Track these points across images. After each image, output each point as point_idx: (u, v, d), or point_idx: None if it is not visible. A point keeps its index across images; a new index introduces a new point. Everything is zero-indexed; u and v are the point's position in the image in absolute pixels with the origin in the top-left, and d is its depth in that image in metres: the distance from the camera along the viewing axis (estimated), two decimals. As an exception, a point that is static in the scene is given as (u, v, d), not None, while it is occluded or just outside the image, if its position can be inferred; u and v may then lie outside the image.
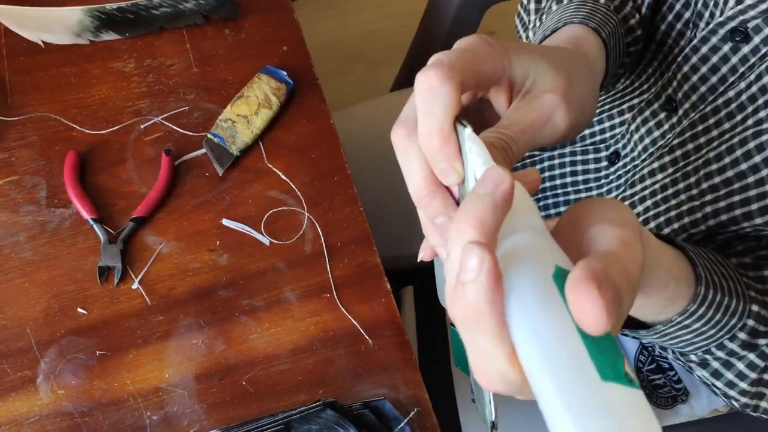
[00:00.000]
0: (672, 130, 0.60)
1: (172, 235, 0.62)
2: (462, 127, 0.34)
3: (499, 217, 0.29)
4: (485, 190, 0.29)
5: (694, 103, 0.57)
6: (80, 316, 0.59)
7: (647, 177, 0.60)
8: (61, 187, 0.62)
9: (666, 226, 0.58)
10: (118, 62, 0.69)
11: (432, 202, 0.36)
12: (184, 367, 0.58)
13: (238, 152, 0.65)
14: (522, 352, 0.29)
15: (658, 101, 0.61)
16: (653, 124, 0.62)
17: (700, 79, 0.55)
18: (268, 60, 0.70)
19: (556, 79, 0.40)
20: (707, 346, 0.51)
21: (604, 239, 0.32)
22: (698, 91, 0.56)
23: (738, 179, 0.52)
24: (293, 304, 0.61)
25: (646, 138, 0.62)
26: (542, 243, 0.32)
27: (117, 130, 0.66)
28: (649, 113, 0.62)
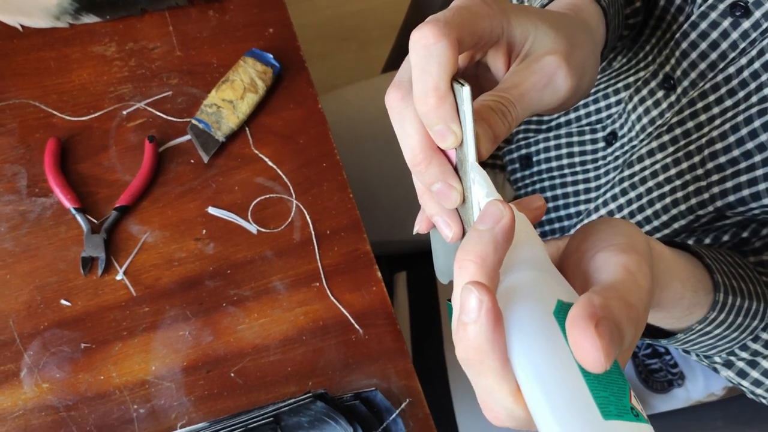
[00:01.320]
0: (671, 109, 0.58)
1: (157, 224, 0.61)
2: (459, 86, 0.32)
3: (500, 253, 0.29)
4: (485, 227, 0.30)
5: (693, 81, 0.55)
6: (64, 308, 0.57)
7: (646, 157, 0.59)
8: (42, 176, 0.61)
9: (673, 207, 0.57)
10: (99, 46, 0.67)
11: (428, 168, 0.35)
12: (170, 359, 0.57)
13: (223, 138, 0.64)
14: (525, 390, 0.29)
15: (656, 79, 0.59)
16: (651, 103, 0.60)
17: (700, 56, 0.54)
18: (254, 42, 0.68)
19: (556, 41, 0.39)
20: (730, 348, 0.50)
21: (609, 268, 0.32)
22: (697, 68, 0.55)
23: (744, 158, 0.50)
24: (282, 294, 0.60)
25: (644, 117, 0.61)
26: (543, 278, 0.31)
27: (99, 116, 0.64)
28: (646, 92, 0.61)
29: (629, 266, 0.32)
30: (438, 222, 0.37)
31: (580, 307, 0.27)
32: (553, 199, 0.72)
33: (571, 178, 0.70)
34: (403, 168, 0.91)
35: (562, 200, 0.71)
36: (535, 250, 0.33)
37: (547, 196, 0.72)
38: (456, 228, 0.36)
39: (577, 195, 0.70)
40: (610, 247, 0.33)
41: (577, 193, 0.70)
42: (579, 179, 0.69)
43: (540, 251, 0.33)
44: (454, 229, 0.36)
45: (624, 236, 0.34)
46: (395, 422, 0.55)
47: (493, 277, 0.29)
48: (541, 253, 0.33)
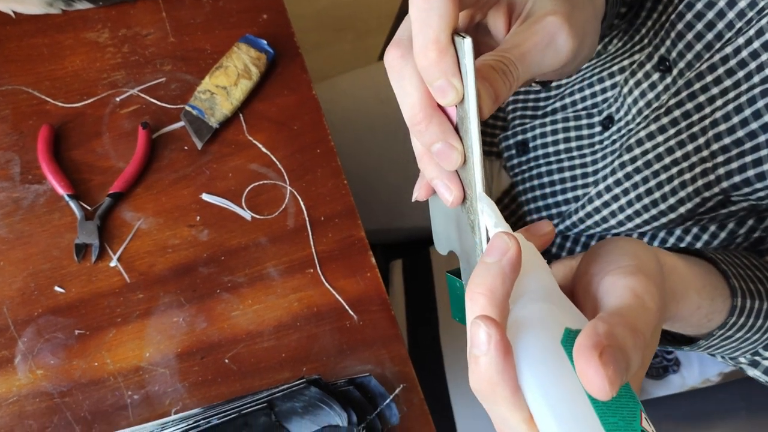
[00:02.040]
0: (667, 91, 0.58)
1: (151, 210, 0.61)
2: (461, 39, 0.32)
3: (507, 284, 0.31)
4: (493, 259, 0.31)
5: (689, 62, 0.55)
6: (58, 294, 0.57)
7: (645, 140, 0.59)
8: (35, 163, 0.61)
9: (681, 189, 0.57)
10: (92, 32, 0.67)
11: (428, 127, 0.34)
12: (165, 345, 0.57)
13: (217, 125, 0.63)
14: (537, 418, 0.30)
15: (651, 62, 0.59)
16: (647, 86, 0.60)
17: (696, 36, 0.54)
18: (248, 29, 0.68)
19: (557, 2, 0.39)
20: (754, 349, 0.50)
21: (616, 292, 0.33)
22: (693, 49, 0.54)
23: (749, 139, 0.50)
24: (276, 280, 0.59)
25: (640, 100, 0.61)
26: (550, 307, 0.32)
27: (92, 102, 0.64)
28: (642, 74, 0.60)
29: (636, 289, 0.33)
30: (438, 186, 0.36)
31: (584, 336, 0.28)
32: (550, 185, 0.72)
33: (568, 163, 0.70)
34: (399, 157, 0.91)
35: (559, 185, 0.71)
36: (542, 279, 0.33)
37: (543, 182, 0.72)
38: (457, 191, 0.36)
39: (575, 180, 0.70)
40: (617, 270, 0.34)
41: (574, 177, 0.70)
42: (576, 164, 0.69)
43: (547, 279, 0.34)
44: (454, 192, 0.36)
45: (631, 257, 0.35)
46: (389, 407, 0.55)
47: (503, 309, 0.31)
48: (549, 281, 0.34)
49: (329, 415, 0.53)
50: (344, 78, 0.92)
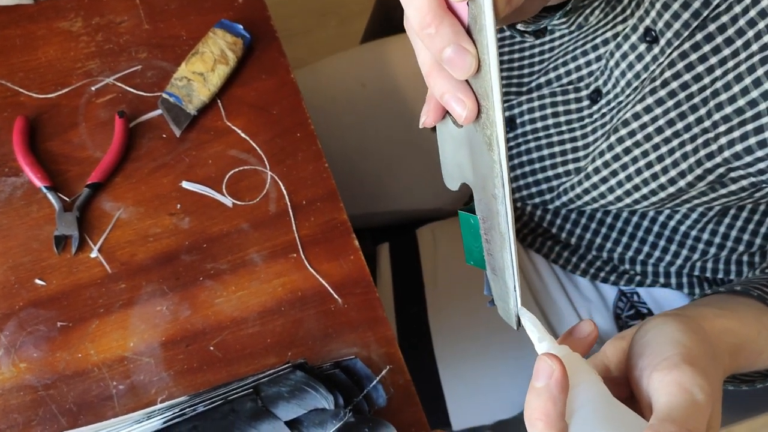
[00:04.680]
0: (655, 61, 0.58)
1: (131, 200, 0.60)
2: None
3: (559, 405, 0.33)
4: (541, 384, 0.33)
5: (677, 31, 0.55)
6: (38, 287, 0.57)
7: (643, 113, 0.58)
8: (11, 155, 0.60)
9: (683, 161, 0.57)
10: (65, 22, 0.66)
11: (439, 29, 0.31)
12: (149, 334, 0.56)
13: (195, 111, 0.63)
14: None
15: (636, 33, 0.59)
16: (634, 58, 0.60)
17: (682, 5, 0.54)
18: (223, 13, 0.67)
19: None
20: None
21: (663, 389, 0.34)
22: (681, 18, 0.54)
23: (750, 107, 0.51)
24: (259, 266, 0.59)
25: (628, 72, 0.61)
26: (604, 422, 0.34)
27: (67, 93, 0.63)
28: (627, 46, 0.60)
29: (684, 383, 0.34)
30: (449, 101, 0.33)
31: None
32: (540, 160, 0.71)
33: (557, 138, 0.69)
34: (382, 140, 0.90)
35: (548, 160, 0.71)
36: (592, 389, 0.35)
37: (533, 157, 0.72)
38: (471, 103, 0.32)
39: (565, 155, 0.69)
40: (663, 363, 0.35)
41: (564, 152, 0.69)
42: (565, 138, 0.69)
43: (597, 388, 0.35)
44: (468, 104, 0.32)
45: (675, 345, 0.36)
46: (376, 389, 0.55)
47: (561, 427, 0.33)
48: (599, 389, 0.35)
49: (316, 399, 0.53)
50: (326, 62, 0.91)
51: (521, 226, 0.82)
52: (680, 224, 0.67)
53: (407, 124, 0.87)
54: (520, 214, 0.82)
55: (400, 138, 0.88)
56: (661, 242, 0.70)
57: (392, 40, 0.92)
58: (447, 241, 0.87)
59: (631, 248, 0.72)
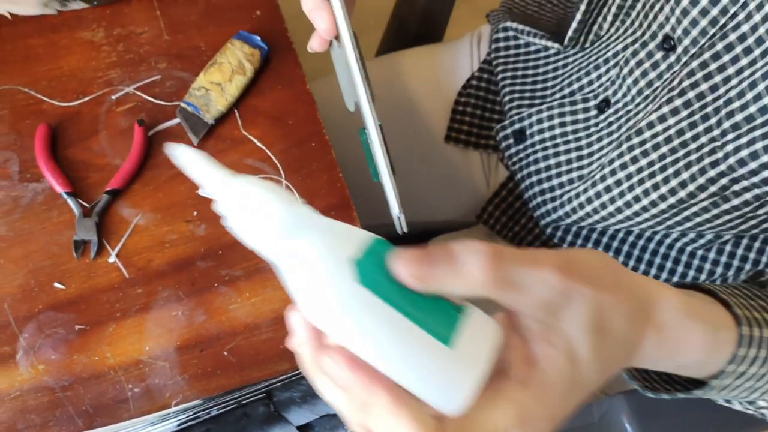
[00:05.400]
0: (670, 69, 0.58)
1: (148, 206, 0.62)
2: None
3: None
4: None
5: (694, 39, 0.55)
6: (58, 291, 0.58)
7: (657, 123, 0.59)
8: (33, 162, 0.61)
9: (685, 170, 0.57)
10: (87, 32, 0.67)
11: None
12: (164, 339, 0.57)
13: (212, 121, 0.64)
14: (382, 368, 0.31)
15: (654, 41, 0.59)
16: (649, 65, 0.60)
17: (701, 12, 0.54)
18: (241, 25, 0.69)
19: None
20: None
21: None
22: (699, 25, 0.54)
23: (761, 114, 0.51)
24: (273, 273, 0.60)
25: (641, 80, 0.61)
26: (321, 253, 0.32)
27: (88, 101, 0.65)
28: (644, 54, 0.60)
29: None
30: (315, 17, 0.43)
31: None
32: (546, 170, 0.72)
33: (564, 147, 0.70)
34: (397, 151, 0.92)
35: (554, 170, 0.71)
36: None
37: (540, 167, 0.72)
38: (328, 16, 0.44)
39: (570, 163, 0.70)
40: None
41: (569, 161, 0.70)
42: (571, 147, 0.69)
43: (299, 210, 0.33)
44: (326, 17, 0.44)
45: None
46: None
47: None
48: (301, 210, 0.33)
49: (327, 405, 0.54)
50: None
51: (532, 239, 0.82)
52: (687, 245, 0.67)
53: (421, 136, 0.88)
54: (532, 226, 0.82)
55: (414, 150, 0.88)
56: (668, 264, 0.70)
57: (407, 53, 0.94)
58: (459, 253, 0.87)
59: (638, 270, 0.72)
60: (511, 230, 0.85)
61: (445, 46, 0.94)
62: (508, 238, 0.85)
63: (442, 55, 0.92)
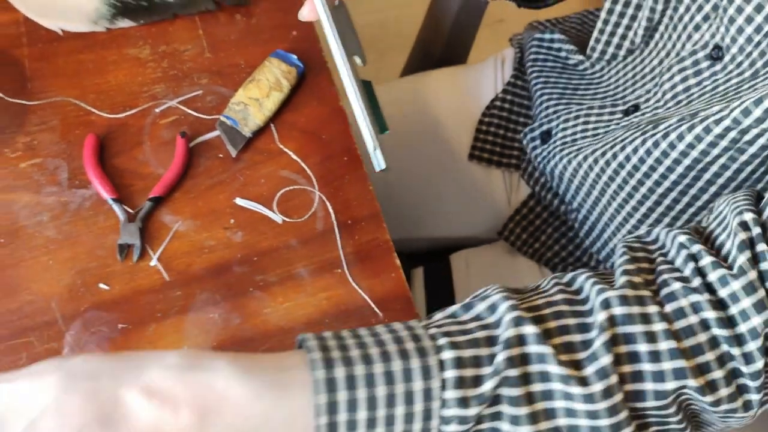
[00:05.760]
0: (712, 77, 0.60)
1: (188, 213, 0.65)
2: None
3: None
4: None
5: (741, 46, 0.57)
6: (102, 291, 0.61)
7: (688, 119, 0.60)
8: (82, 169, 0.65)
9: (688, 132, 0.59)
10: (134, 49, 0.71)
11: None
12: (201, 339, 0.60)
13: (250, 134, 0.67)
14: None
15: (705, 50, 0.61)
16: (691, 73, 0.62)
17: (746, 19, 0.55)
18: (279, 44, 0.72)
19: None
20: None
21: None
22: (744, 33, 0.56)
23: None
24: (305, 280, 0.63)
25: (679, 86, 0.63)
26: None
27: (134, 114, 0.68)
28: (690, 62, 0.62)
29: None
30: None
31: None
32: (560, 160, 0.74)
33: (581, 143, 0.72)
34: (421, 169, 0.94)
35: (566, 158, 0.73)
36: None
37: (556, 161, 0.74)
38: None
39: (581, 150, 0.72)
40: None
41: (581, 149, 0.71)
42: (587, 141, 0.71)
43: None
44: None
45: None
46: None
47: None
48: None
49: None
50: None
51: (552, 256, 0.85)
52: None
53: (444, 155, 0.91)
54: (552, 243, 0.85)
55: (438, 168, 0.91)
56: None
57: (432, 74, 0.97)
58: (480, 268, 0.89)
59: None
60: (531, 246, 0.87)
61: (470, 69, 0.97)
62: (529, 254, 0.87)
63: (467, 77, 0.95)
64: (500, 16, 1.62)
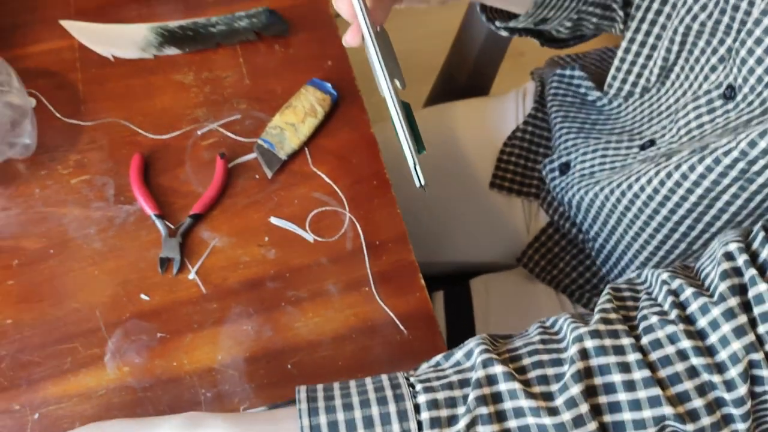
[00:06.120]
0: (725, 115, 0.63)
1: (226, 230, 0.68)
2: None
3: None
4: None
5: (752, 86, 0.59)
6: (143, 301, 0.65)
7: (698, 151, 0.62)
8: (127, 186, 0.69)
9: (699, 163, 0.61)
10: (179, 74, 0.76)
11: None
12: (235, 350, 0.63)
13: (285, 157, 0.71)
14: None
15: (719, 89, 0.63)
16: (705, 111, 0.64)
17: (757, 61, 0.58)
18: (315, 73, 0.76)
19: None
20: None
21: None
22: (755, 73, 0.59)
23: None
24: (334, 296, 0.66)
25: (693, 122, 0.65)
26: None
27: (177, 135, 0.73)
28: (704, 100, 0.65)
29: None
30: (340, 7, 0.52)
31: None
32: (577, 191, 0.77)
33: (599, 176, 0.75)
34: (444, 195, 0.97)
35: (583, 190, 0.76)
36: None
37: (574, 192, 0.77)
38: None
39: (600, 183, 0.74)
40: None
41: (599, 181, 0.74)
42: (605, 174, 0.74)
43: None
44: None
45: None
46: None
47: None
48: None
49: (382, 416, 0.59)
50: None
51: (569, 283, 0.87)
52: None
53: (467, 182, 0.94)
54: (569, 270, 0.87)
55: (460, 195, 0.94)
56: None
57: (456, 104, 1.01)
58: (499, 293, 0.92)
59: None
60: (549, 273, 0.89)
61: (493, 100, 1.01)
62: (547, 281, 0.90)
63: (490, 108, 0.99)
64: (521, 49, 1.66)
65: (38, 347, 0.62)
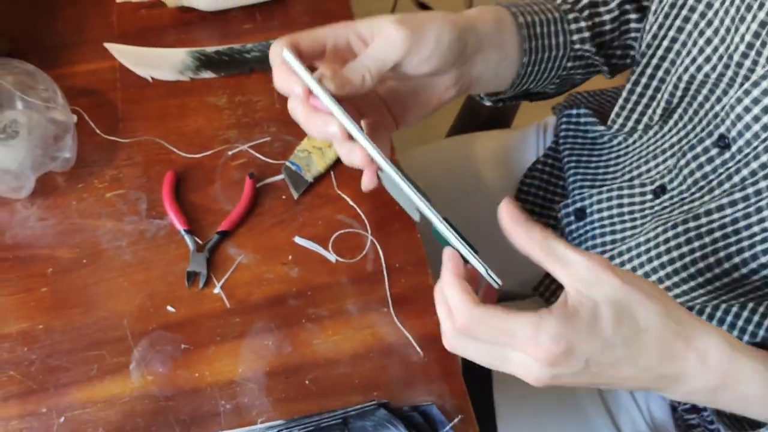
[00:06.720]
0: (724, 165, 0.64)
1: (251, 248, 0.71)
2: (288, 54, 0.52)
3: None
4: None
5: (748, 140, 0.61)
6: (169, 313, 0.67)
7: (715, 211, 0.63)
8: (159, 202, 0.72)
9: (737, 255, 0.62)
10: (213, 97, 0.79)
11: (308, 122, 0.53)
12: (255, 364, 0.65)
13: (312, 179, 0.74)
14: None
15: (711, 138, 0.65)
16: (704, 160, 0.65)
17: (753, 118, 0.59)
18: (342, 101, 0.79)
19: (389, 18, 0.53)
20: None
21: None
22: (751, 129, 0.60)
23: None
24: (354, 316, 0.68)
25: (696, 172, 0.66)
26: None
27: (209, 155, 0.76)
28: (700, 149, 0.66)
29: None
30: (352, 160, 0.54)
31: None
32: (602, 245, 0.78)
33: (620, 226, 0.76)
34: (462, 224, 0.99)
35: (609, 245, 0.78)
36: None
37: (596, 243, 0.79)
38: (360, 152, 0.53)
39: (624, 241, 0.76)
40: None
41: (624, 239, 0.76)
42: (627, 226, 0.76)
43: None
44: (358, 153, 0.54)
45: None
46: (448, 434, 0.62)
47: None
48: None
49: (396, 434, 0.60)
50: (418, 150, 1.02)
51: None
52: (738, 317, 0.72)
53: (484, 212, 0.96)
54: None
55: (480, 225, 0.96)
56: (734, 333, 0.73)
57: (478, 135, 1.03)
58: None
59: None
60: (565, 304, 0.90)
61: (514, 133, 1.03)
62: (562, 311, 0.91)
63: (511, 140, 1.01)
64: (544, 85, 1.68)
65: (67, 353, 0.65)
